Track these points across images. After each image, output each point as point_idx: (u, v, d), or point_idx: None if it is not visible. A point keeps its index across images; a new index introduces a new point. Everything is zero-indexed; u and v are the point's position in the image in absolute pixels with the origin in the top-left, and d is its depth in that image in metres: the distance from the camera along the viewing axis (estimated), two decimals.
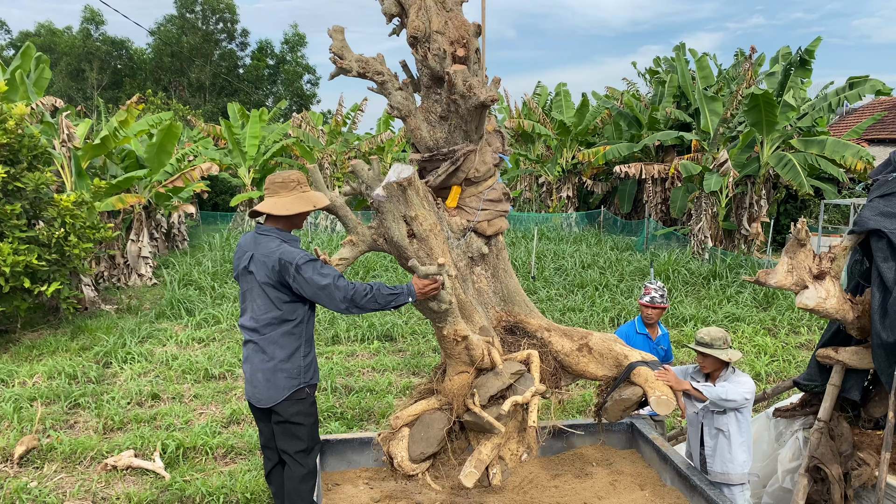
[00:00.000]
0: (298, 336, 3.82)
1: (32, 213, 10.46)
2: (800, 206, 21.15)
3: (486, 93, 3.81)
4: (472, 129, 4.09)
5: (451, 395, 3.93)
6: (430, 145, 4.17)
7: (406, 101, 4.17)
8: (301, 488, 3.90)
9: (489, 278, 4.42)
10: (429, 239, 3.85)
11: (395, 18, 4.18)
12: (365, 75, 4.12)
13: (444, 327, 3.73)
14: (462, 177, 4.17)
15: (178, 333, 10.55)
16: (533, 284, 13.71)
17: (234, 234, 22.60)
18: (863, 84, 17.26)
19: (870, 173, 4.56)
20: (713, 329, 4.44)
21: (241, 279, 3.90)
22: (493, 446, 3.89)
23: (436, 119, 4.16)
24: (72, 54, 47.82)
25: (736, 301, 12.52)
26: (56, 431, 6.88)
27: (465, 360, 3.86)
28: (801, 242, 4.14)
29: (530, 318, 4.43)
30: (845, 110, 27.06)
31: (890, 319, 3.97)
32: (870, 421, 4.61)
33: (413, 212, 3.82)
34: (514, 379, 3.88)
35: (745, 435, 4.42)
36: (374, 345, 10.00)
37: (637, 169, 20.67)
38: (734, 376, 4.38)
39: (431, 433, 3.91)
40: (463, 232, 4.22)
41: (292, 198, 3.80)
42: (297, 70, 54.82)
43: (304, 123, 26.73)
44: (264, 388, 3.80)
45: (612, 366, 4.19)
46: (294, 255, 3.64)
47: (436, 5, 4.03)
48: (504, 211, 4.38)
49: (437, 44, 3.95)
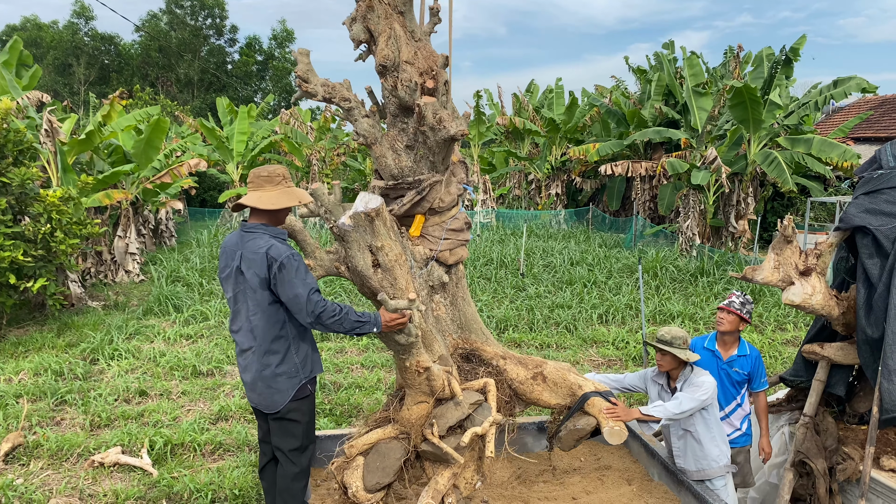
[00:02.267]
0: (286, 337, 3.75)
1: (18, 208, 10.36)
2: (786, 204, 21.30)
3: (456, 126, 3.83)
4: (438, 161, 4.10)
5: (410, 425, 3.93)
6: (394, 173, 4.15)
7: (372, 129, 4.14)
8: (293, 487, 3.87)
9: (448, 306, 4.46)
10: (394, 269, 3.81)
11: (363, 45, 4.12)
12: (331, 100, 4.07)
13: (407, 359, 3.72)
14: (427, 206, 4.18)
15: (165, 330, 10.49)
16: (522, 281, 13.74)
17: (223, 230, 22.50)
18: (848, 83, 17.40)
19: (855, 170, 4.61)
20: (674, 328, 4.42)
21: (231, 281, 3.77)
22: (449, 475, 3.90)
23: (402, 148, 4.14)
24: (59, 49, 47.37)
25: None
26: (42, 428, 6.83)
27: (425, 390, 3.86)
28: (788, 239, 4.17)
29: (486, 346, 4.49)
30: (831, 109, 27.27)
31: (875, 315, 4.01)
32: (854, 416, 4.66)
33: (379, 242, 3.77)
34: (472, 409, 3.93)
35: (714, 430, 4.37)
36: (363, 341, 9.99)
37: (624, 167, 20.76)
38: (693, 376, 4.33)
39: (388, 462, 3.90)
40: (426, 261, 4.23)
41: (277, 192, 3.75)
42: (285, 66, 54.56)
43: (292, 120, 26.64)
44: (268, 395, 3.77)
45: (565, 395, 4.26)
46: (281, 252, 3.58)
47: (405, 35, 4.01)
48: (465, 240, 4.40)
49: (406, 74, 3.93)
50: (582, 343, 10.05)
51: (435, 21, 4.18)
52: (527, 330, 10.62)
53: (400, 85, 3.95)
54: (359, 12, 4.04)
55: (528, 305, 11.74)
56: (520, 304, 11.87)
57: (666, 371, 4.46)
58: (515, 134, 26.74)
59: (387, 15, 3.99)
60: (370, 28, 4.03)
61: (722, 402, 4.62)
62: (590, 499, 4.38)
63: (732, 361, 4.64)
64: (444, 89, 4.07)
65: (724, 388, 4.65)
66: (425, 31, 4.16)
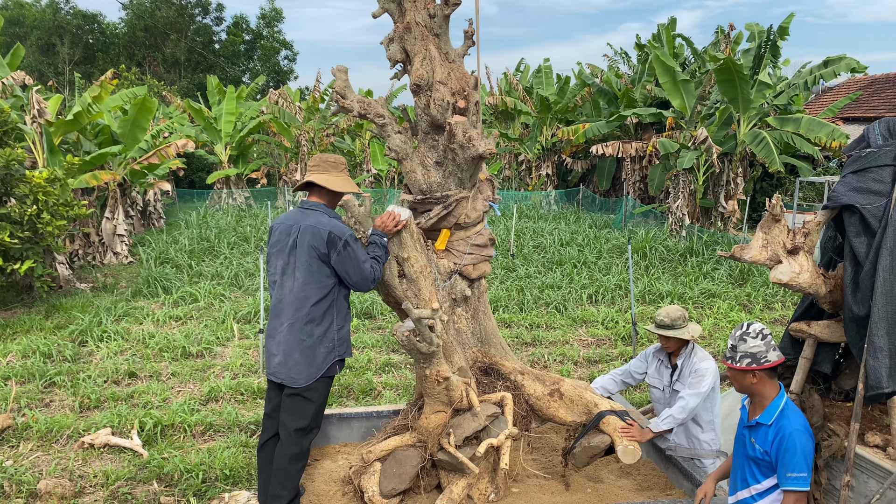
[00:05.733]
0: (333, 310, 3.91)
1: (4, 190, 10.26)
2: (775, 184, 21.36)
3: (485, 145, 4.00)
4: (466, 177, 4.26)
5: (427, 433, 4.01)
6: (423, 188, 4.30)
7: (404, 145, 4.31)
8: (290, 468, 3.88)
9: (469, 319, 4.56)
10: (418, 280, 4.02)
11: (399, 64, 4.34)
12: (366, 116, 4.28)
13: (428, 368, 3.82)
14: (453, 221, 4.33)
15: (154, 312, 10.46)
16: (512, 262, 13.75)
17: (211, 211, 22.37)
18: (838, 63, 17.39)
19: (844, 149, 4.61)
20: (671, 308, 4.43)
21: (284, 254, 3.91)
22: (463, 486, 3.97)
23: (431, 164, 4.31)
24: (42, 28, 46.61)
25: (712, 277, 12.66)
26: (31, 410, 6.81)
27: (443, 399, 3.95)
28: (776, 218, 4.18)
29: (505, 361, 4.58)
30: (821, 88, 27.28)
31: (861, 293, 4.04)
32: (840, 393, 4.71)
33: (406, 253, 4.03)
34: (489, 421, 4.00)
35: (710, 414, 4.45)
36: (353, 322, 9.99)
37: (615, 148, 20.72)
38: (696, 359, 4.39)
39: (404, 470, 3.99)
40: (449, 274, 4.37)
41: (342, 178, 4.05)
42: (273, 45, 53.95)
43: (280, 100, 26.41)
44: (303, 367, 3.83)
45: (581, 412, 4.34)
46: (343, 230, 3.83)
47: (440, 56, 4.19)
48: (489, 256, 4.53)
49: (439, 93, 4.11)
50: (572, 323, 10.09)
51: (468, 44, 4.34)
52: (517, 310, 10.65)
53: (432, 104, 4.13)
54: (396, 33, 4.23)
55: (518, 286, 11.76)
56: (510, 285, 11.89)
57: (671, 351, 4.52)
58: (506, 114, 26.62)
59: (423, 37, 4.17)
60: (406, 48, 4.23)
61: (735, 481, 3.40)
62: (577, 475, 4.43)
63: (753, 428, 3.26)
64: (474, 109, 4.23)
65: (737, 459, 3.40)
66: (459, 53, 4.32)
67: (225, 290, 11.69)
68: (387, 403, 6.90)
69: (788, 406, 3.17)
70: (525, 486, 4.34)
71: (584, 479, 4.47)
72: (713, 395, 4.43)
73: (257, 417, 6.64)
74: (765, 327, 3.19)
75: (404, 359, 8.46)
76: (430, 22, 4.18)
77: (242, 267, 13.39)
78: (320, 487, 4.27)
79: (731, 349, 3.21)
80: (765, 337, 3.16)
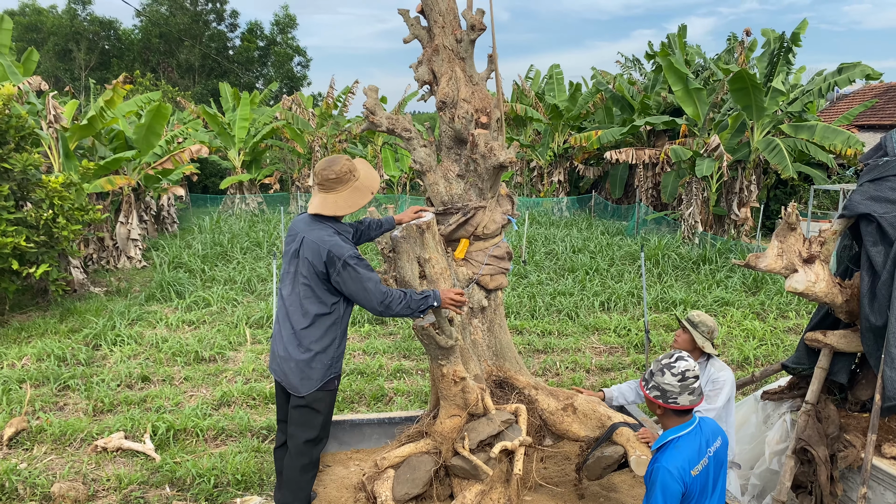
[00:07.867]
0: (336, 329, 3.84)
1: (20, 194, 10.36)
2: (789, 192, 21.23)
3: (505, 155, 4.21)
4: (486, 188, 4.43)
5: (442, 438, 4.05)
6: (445, 200, 4.45)
7: (428, 158, 4.48)
8: (301, 479, 3.89)
9: (485, 332, 4.62)
10: (438, 282, 4.09)
11: (426, 85, 4.55)
12: (394, 131, 4.46)
13: (446, 365, 3.86)
14: (471, 230, 4.43)
15: (167, 316, 10.51)
16: (524, 268, 13.73)
17: (224, 216, 22.49)
18: (853, 69, 17.26)
19: (860, 157, 4.57)
20: (708, 318, 4.46)
21: (289, 259, 3.90)
22: (477, 492, 3.98)
23: (453, 176, 4.48)
24: (59, 34, 47.12)
25: (725, 285, 12.58)
26: (45, 413, 6.86)
27: (459, 402, 4.00)
28: (792, 226, 4.15)
29: (519, 375, 4.63)
30: (836, 96, 27.10)
31: (878, 303, 4.00)
32: (856, 403, 4.66)
33: (427, 254, 4.11)
34: (504, 426, 4.02)
35: (724, 424, 4.43)
36: (365, 328, 10.00)
37: (628, 154, 20.67)
38: (712, 369, 4.38)
39: (418, 475, 4.01)
40: (467, 282, 4.45)
41: (348, 191, 3.84)
42: (287, 52, 54.24)
43: (294, 105, 26.54)
44: (297, 378, 3.81)
45: (595, 426, 4.35)
46: (343, 250, 3.66)
47: (465, 77, 4.42)
48: (506, 269, 4.59)
49: (463, 109, 4.34)
50: (584, 330, 10.05)
51: (491, 68, 4.57)
52: (528, 317, 10.63)
53: (457, 118, 4.33)
54: (425, 56, 4.46)
55: (529, 293, 11.74)
56: (521, 292, 11.87)
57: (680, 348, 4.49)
58: (517, 121, 26.62)
59: (449, 59, 4.40)
60: (434, 69, 4.45)
61: None
62: (591, 485, 4.41)
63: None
64: (496, 126, 4.43)
65: None
66: (482, 77, 4.54)
67: (237, 295, 11.73)
68: (398, 410, 6.90)
69: (675, 442, 3.03)
70: (538, 496, 4.32)
71: (598, 487, 4.44)
72: (728, 406, 4.41)
73: (269, 422, 6.65)
74: (692, 368, 3.01)
75: (415, 365, 8.45)
76: (456, 46, 4.39)
77: (255, 272, 13.44)
78: (332, 494, 4.27)
79: (649, 374, 3.10)
80: (684, 379, 2.98)
